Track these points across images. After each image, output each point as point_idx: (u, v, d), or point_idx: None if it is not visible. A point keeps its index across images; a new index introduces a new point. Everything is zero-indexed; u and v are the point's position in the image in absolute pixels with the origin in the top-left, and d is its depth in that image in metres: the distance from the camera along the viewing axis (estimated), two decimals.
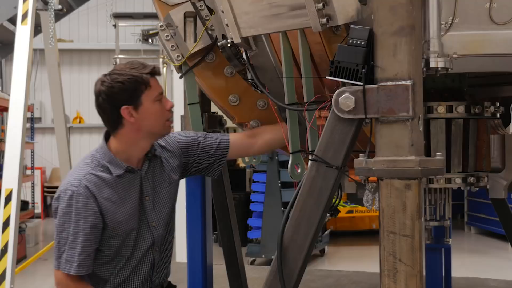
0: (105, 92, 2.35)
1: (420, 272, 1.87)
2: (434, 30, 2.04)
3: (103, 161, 2.40)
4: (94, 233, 2.35)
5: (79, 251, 2.33)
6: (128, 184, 2.43)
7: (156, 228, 2.49)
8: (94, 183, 2.36)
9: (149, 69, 2.38)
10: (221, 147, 2.69)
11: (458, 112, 2.56)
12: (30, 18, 6.18)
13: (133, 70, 2.35)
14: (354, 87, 1.95)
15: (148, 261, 2.49)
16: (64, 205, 2.35)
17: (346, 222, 9.00)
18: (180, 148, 2.63)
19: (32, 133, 11.40)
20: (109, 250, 2.42)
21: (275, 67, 2.57)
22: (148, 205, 2.48)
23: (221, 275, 3.94)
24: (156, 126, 2.42)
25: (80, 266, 2.34)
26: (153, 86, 2.38)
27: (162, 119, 2.43)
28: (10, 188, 5.38)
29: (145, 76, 2.35)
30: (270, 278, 2.16)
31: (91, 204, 2.33)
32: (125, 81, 2.33)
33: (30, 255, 8.17)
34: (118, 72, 2.36)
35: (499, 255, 7.96)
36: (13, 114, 5.72)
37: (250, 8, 2.28)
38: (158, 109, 2.40)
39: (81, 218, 2.33)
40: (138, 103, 2.35)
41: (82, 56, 13.45)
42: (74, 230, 2.33)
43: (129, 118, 2.36)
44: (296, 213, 2.11)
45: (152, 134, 2.44)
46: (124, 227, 2.40)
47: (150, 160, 2.50)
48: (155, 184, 2.51)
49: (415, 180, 1.87)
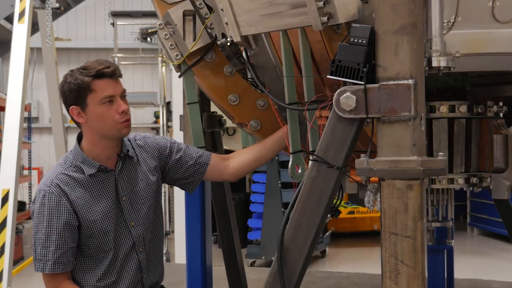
0: (60, 90, 2.44)
1: (422, 274, 1.86)
2: (436, 28, 2.03)
3: (76, 161, 2.43)
4: (69, 231, 2.37)
5: (53, 249, 2.35)
6: (101, 183, 2.44)
7: (135, 227, 2.50)
8: (66, 183, 2.39)
9: (95, 71, 2.37)
10: (201, 161, 2.68)
11: (461, 111, 2.55)
12: (27, 17, 6.16)
13: (84, 71, 2.38)
14: (355, 87, 1.94)
15: (133, 263, 2.49)
16: (38, 205, 2.39)
17: (347, 223, 9.00)
18: (158, 150, 2.63)
19: (29, 133, 11.34)
20: (89, 249, 2.43)
21: (275, 66, 2.56)
22: (125, 205, 2.49)
23: (221, 276, 3.93)
24: (104, 128, 2.40)
25: (55, 264, 2.37)
26: (98, 89, 2.37)
27: (110, 122, 2.38)
28: (7, 188, 5.38)
29: (86, 79, 2.35)
30: (270, 279, 2.15)
31: (63, 203, 2.36)
32: (71, 83, 2.38)
33: (27, 256, 8.16)
34: (70, 72, 2.42)
35: (502, 257, 7.95)
36: (10, 114, 5.71)
37: (250, 6, 2.27)
38: (105, 111, 2.37)
39: (54, 216, 2.36)
40: (84, 105, 2.38)
41: (80, 55, 13.42)
42: (47, 229, 2.36)
43: (78, 118, 2.40)
44: (296, 214, 2.11)
45: (104, 136, 2.43)
46: (99, 226, 2.41)
47: (123, 160, 2.51)
48: (131, 184, 2.51)
49: (417, 180, 1.86)
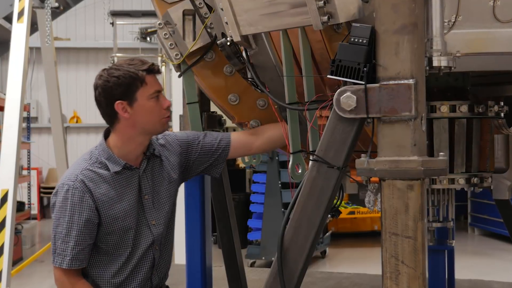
0: (101, 86, 2.38)
1: (423, 274, 1.86)
2: (437, 28, 2.03)
3: (101, 157, 2.43)
4: (89, 228, 2.37)
5: (73, 245, 2.35)
6: (125, 181, 2.45)
7: (156, 226, 2.51)
8: (91, 179, 2.39)
9: (147, 66, 2.39)
10: (222, 145, 2.68)
11: (462, 111, 2.54)
12: (26, 16, 6.16)
13: (130, 66, 2.37)
14: (355, 86, 1.93)
15: (148, 260, 2.51)
16: (61, 199, 2.38)
17: (348, 223, 8.98)
18: (180, 146, 2.63)
19: (29, 133, 11.35)
20: (106, 246, 2.44)
21: (275, 65, 2.55)
22: (147, 204, 2.50)
23: (221, 277, 3.92)
24: (150, 123, 2.42)
25: (73, 260, 2.36)
26: (149, 83, 2.39)
27: (157, 117, 2.43)
28: (6, 188, 5.38)
29: (141, 72, 2.37)
30: (270, 280, 2.15)
31: (86, 199, 2.36)
32: (121, 76, 2.35)
33: (27, 256, 8.16)
34: (115, 67, 2.39)
35: (503, 257, 7.94)
36: (9, 114, 5.71)
37: (250, 6, 2.26)
38: (153, 106, 2.41)
39: (76, 212, 2.36)
40: (132, 99, 2.37)
41: (79, 55, 13.42)
42: (68, 224, 2.36)
43: (123, 114, 2.38)
44: (296, 214, 2.10)
45: (147, 131, 2.45)
46: (120, 224, 2.42)
47: (148, 159, 2.51)
48: (154, 183, 2.52)
49: (418, 180, 1.85)
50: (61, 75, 10.86)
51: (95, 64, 13.33)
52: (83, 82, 13.25)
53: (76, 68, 13.40)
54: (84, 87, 13.22)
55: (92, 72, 13.31)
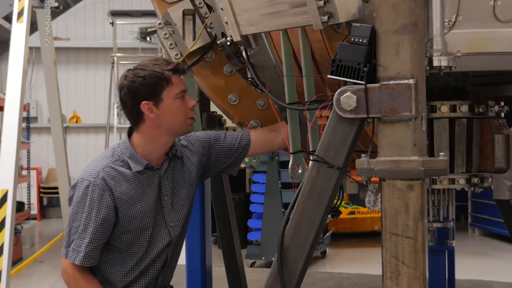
0: (127, 86, 2.37)
1: (423, 275, 1.86)
2: (437, 28, 2.03)
3: (124, 156, 2.43)
4: (105, 227, 2.38)
5: (87, 242, 2.36)
6: (146, 181, 2.44)
7: (173, 228, 2.52)
8: (112, 177, 2.38)
9: (172, 66, 2.39)
10: (242, 144, 2.69)
11: (462, 111, 2.54)
12: (26, 16, 6.16)
13: (156, 66, 2.37)
14: (355, 86, 1.93)
15: (161, 260, 2.52)
16: (80, 194, 2.38)
17: (348, 223, 8.98)
18: (202, 147, 2.63)
19: (28, 133, 11.33)
20: (120, 244, 2.44)
21: (275, 65, 2.54)
22: (166, 205, 2.50)
23: (221, 277, 3.92)
24: (176, 123, 2.42)
25: (86, 257, 2.37)
26: (175, 83, 2.39)
27: (182, 117, 2.43)
28: (6, 188, 5.38)
29: (166, 72, 2.36)
30: (270, 280, 2.14)
31: (106, 197, 2.36)
32: (147, 76, 2.35)
33: (26, 257, 8.15)
34: (141, 67, 2.38)
35: (503, 257, 7.93)
36: (8, 114, 5.72)
37: (250, 6, 2.26)
38: (179, 106, 2.41)
39: (94, 210, 2.35)
40: (158, 99, 2.37)
41: (79, 55, 13.40)
42: (86, 221, 2.36)
43: (149, 114, 2.37)
44: (296, 215, 2.10)
45: (172, 131, 2.45)
46: (137, 224, 2.42)
47: (170, 159, 2.51)
48: (175, 185, 2.53)
49: (418, 180, 1.85)
50: (61, 75, 10.85)
51: (95, 64, 13.31)
52: (83, 82, 13.24)
53: (76, 68, 13.38)
54: (84, 87, 13.21)
55: (91, 72, 13.31)
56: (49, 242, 8.48)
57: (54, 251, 8.22)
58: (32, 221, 9.98)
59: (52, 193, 11.94)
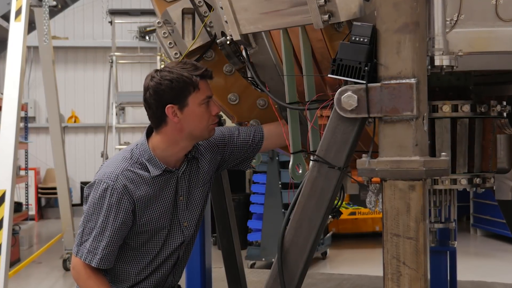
0: (153, 88, 2.36)
1: (425, 276, 1.85)
2: (439, 27, 2.02)
3: (142, 158, 2.42)
4: (122, 230, 2.38)
5: (104, 245, 2.36)
6: (164, 183, 2.45)
7: (187, 228, 2.53)
8: (131, 180, 2.38)
9: (201, 71, 2.37)
10: (256, 140, 2.69)
11: (464, 111, 2.53)
12: (24, 15, 6.13)
13: (184, 70, 2.35)
14: (356, 86, 1.93)
15: (173, 259, 2.54)
16: (97, 195, 2.37)
17: (349, 224, 8.97)
18: (217, 146, 2.63)
19: (26, 133, 11.28)
20: (135, 243, 2.45)
21: (275, 65, 2.54)
22: (181, 205, 2.51)
23: (221, 278, 3.90)
24: (199, 128, 2.41)
25: (103, 260, 2.37)
26: (201, 88, 2.38)
27: (205, 123, 2.42)
28: (3, 189, 5.35)
29: (194, 77, 2.35)
30: (270, 281, 2.14)
31: (124, 202, 2.36)
32: (174, 80, 2.33)
33: (24, 258, 8.10)
34: (169, 69, 2.36)
35: (506, 258, 7.92)
36: (6, 113, 5.69)
37: (250, 5, 2.25)
38: (204, 112, 2.40)
39: (112, 214, 2.35)
40: (184, 104, 2.36)
41: (77, 54, 13.38)
42: (103, 224, 2.35)
43: (172, 118, 2.36)
44: (297, 215, 2.09)
45: (193, 136, 2.44)
46: (154, 225, 2.43)
47: (188, 161, 2.51)
48: (190, 185, 2.53)
49: (419, 181, 1.84)
50: (59, 74, 10.81)
51: (94, 63, 13.29)
52: (81, 81, 13.22)
53: (74, 67, 13.36)
54: (82, 86, 13.18)
55: (90, 71, 13.30)
56: (47, 243, 8.45)
57: (52, 252, 8.18)
58: (30, 221, 9.96)
59: (50, 193, 11.92)
